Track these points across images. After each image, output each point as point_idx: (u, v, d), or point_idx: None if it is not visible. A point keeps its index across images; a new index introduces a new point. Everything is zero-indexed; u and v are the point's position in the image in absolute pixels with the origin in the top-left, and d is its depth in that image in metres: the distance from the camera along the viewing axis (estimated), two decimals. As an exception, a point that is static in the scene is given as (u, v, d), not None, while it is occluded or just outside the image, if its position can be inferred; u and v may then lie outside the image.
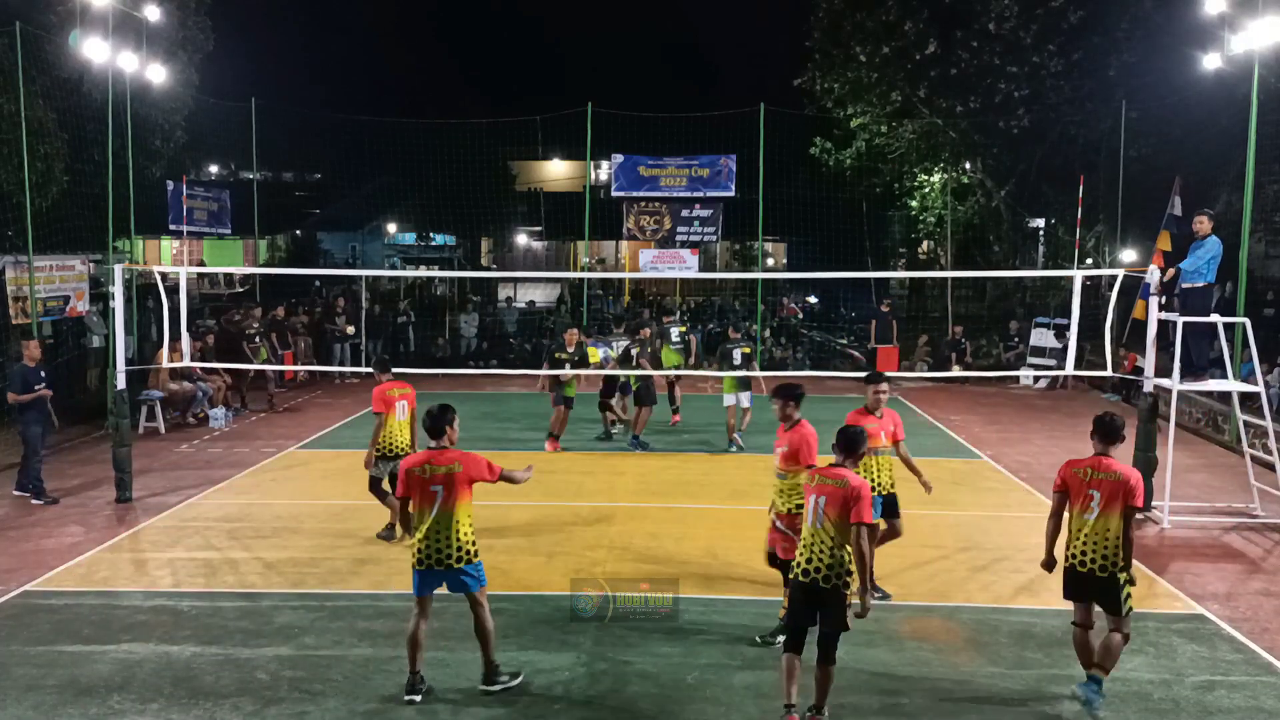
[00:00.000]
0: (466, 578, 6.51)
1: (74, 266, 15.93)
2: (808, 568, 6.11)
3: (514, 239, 41.02)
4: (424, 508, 6.44)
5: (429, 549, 6.43)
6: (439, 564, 6.44)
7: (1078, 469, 6.48)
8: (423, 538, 6.44)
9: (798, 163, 26.90)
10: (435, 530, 6.43)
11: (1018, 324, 22.49)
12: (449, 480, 6.42)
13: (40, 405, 11.40)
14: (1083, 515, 6.39)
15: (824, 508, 6.09)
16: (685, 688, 6.72)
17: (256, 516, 10.75)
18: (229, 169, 36.49)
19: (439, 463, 6.46)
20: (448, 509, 6.42)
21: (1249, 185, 14.82)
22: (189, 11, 19.71)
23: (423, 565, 6.46)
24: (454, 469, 6.44)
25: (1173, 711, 6.45)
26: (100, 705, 6.39)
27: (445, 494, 6.42)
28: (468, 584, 6.52)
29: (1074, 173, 22.47)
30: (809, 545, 6.15)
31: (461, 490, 6.46)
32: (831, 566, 6.05)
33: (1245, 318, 12.34)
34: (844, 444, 6.35)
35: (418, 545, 6.47)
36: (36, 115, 14.99)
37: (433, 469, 6.44)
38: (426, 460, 6.49)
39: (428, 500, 6.43)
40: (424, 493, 6.43)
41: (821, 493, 6.13)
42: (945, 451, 14.34)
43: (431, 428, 6.60)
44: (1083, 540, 6.38)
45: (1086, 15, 22.42)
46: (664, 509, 11.13)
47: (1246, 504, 11.29)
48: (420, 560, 6.46)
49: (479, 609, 6.57)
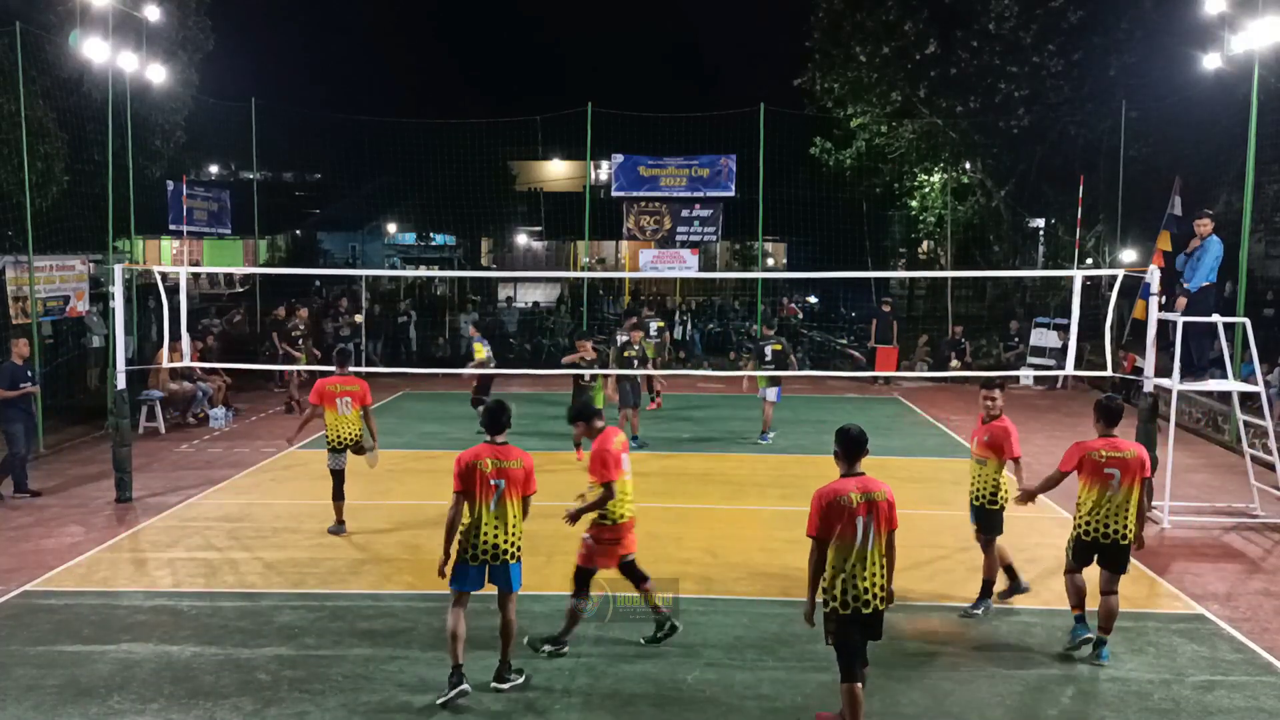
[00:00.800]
0: (512, 575, 6.58)
1: (74, 266, 15.92)
2: (863, 596, 5.67)
3: (514, 239, 41.03)
4: (484, 501, 6.46)
5: (484, 543, 6.46)
6: (494, 558, 6.48)
7: (1092, 452, 7.07)
8: (478, 532, 6.46)
9: (798, 163, 26.90)
10: (493, 524, 6.48)
11: (1018, 324, 22.48)
12: (512, 475, 6.51)
13: (25, 404, 11.48)
14: (1105, 493, 7.04)
15: (874, 527, 5.67)
16: (685, 688, 6.72)
17: (256, 516, 10.75)
18: (229, 169, 36.49)
19: (503, 458, 6.53)
20: (506, 503, 6.49)
21: (1249, 185, 14.82)
22: (189, 11, 19.69)
23: (476, 560, 6.48)
24: (516, 465, 6.55)
25: (1173, 711, 6.45)
26: (100, 705, 6.39)
27: (508, 488, 6.50)
28: (511, 581, 6.58)
29: (1074, 173, 22.47)
30: (867, 574, 5.67)
31: (521, 487, 6.57)
32: (884, 588, 5.79)
33: (1245, 318, 12.35)
34: (852, 447, 5.86)
35: (472, 540, 6.48)
36: (36, 115, 14.98)
37: (496, 464, 6.49)
38: (489, 455, 6.53)
39: (488, 494, 6.46)
40: (484, 486, 6.45)
41: (868, 511, 5.66)
42: (945, 451, 14.34)
43: (491, 425, 6.70)
44: (1104, 514, 7.06)
45: (1086, 15, 22.40)
46: (664, 509, 11.12)
47: (1246, 504, 11.29)
48: (474, 555, 6.47)
49: (510, 608, 6.64)
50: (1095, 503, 7.07)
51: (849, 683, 5.81)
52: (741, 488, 12.19)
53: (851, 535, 5.64)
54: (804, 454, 14.05)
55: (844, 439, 5.85)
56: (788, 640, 7.45)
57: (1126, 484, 7.00)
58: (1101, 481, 7.02)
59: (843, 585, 5.67)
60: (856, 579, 5.66)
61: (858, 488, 5.70)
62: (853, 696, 5.80)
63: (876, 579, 5.70)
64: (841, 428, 5.92)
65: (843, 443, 5.85)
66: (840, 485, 5.74)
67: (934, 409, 17.89)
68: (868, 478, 5.80)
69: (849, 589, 5.66)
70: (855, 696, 5.80)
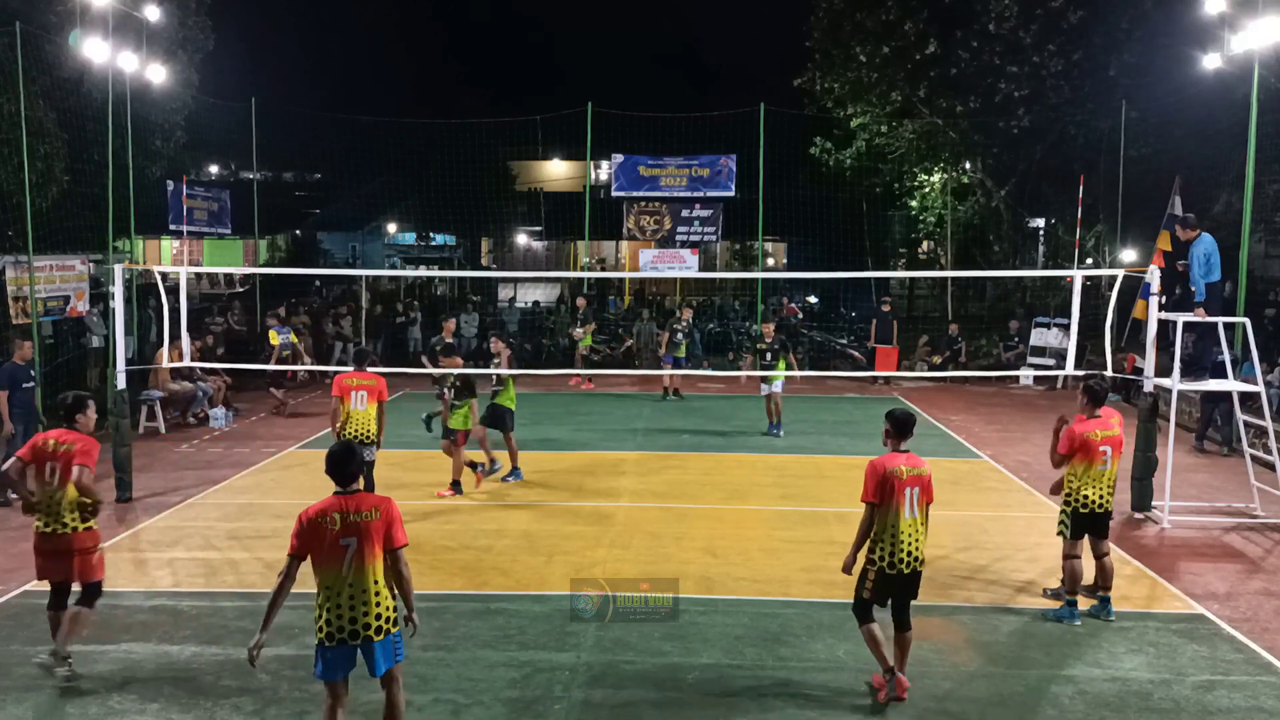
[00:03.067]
0: (378, 654, 5.39)
1: (74, 266, 15.92)
2: (906, 558, 6.36)
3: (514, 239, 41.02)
4: (332, 567, 5.30)
5: (340, 618, 5.30)
6: (353, 635, 5.30)
7: (1089, 433, 7.77)
8: (333, 606, 5.30)
9: (798, 163, 26.91)
10: (347, 593, 5.33)
11: (1018, 324, 22.49)
12: (367, 529, 5.32)
13: (27, 404, 11.51)
14: (1099, 468, 7.79)
15: (918, 498, 6.37)
16: (685, 688, 6.72)
17: (256, 516, 10.75)
18: (229, 169, 36.49)
19: (354, 509, 5.34)
20: (364, 566, 5.34)
21: (1249, 185, 14.82)
22: (189, 11, 19.70)
23: (332, 641, 5.32)
24: (372, 516, 5.33)
25: (1173, 711, 6.45)
26: (100, 705, 6.39)
27: (362, 546, 5.32)
28: (377, 663, 5.40)
29: (1074, 173, 22.47)
30: (910, 538, 6.36)
31: (383, 540, 5.39)
32: (922, 552, 6.49)
33: (1245, 318, 12.34)
34: (901, 426, 6.52)
35: (326, 617, 5.31)
36: (36, 115, 14.98)
37: (345, 518, 5.31)
38: (335, 509, 5.31)
39: (336, 557, 5.29)
40: (332, 548, 5.28)
41: (915, 484, 6.35)
42: (945, 451, 14.34)
43: (337, 474, 5.43)
44: (1103, 488, 7.83)
45: (1086, 15, 22.41)
46: (664, 509, 11.12)
47: (1246, 504, 11.29)
48: (329, 635, 5.30)
49: (393, 687, 5.60)
50: (1091, 477, 7.80)
51: (867, 624, 6.49)
52: (741, 488, 12.18)
53: (899, 504, 6.32)
54: (804, 454, 14.05)
55: (894, 420, 6.55)
56: (788, 640, 7.45)
57: (1115, 459, 7.88)
58: (1098, 458, 7.76)
59: (891, 547, 6.35)
60: (903, 542, 6.35)
61: (906, 463, 6.39)
62: (871, 635, 6.49)
63: (918, 543, 6.41)
64: (890, 410, 6.64)
65: (893, 422, 6.54)
66: (891, 459, 6.41)
67: (934, 409, 17.88)
68: (913, 455, 6.48)
69: (896, 551, 6.35)
70: (874, 635, 6.48)
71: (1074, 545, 7.86)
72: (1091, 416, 7.89)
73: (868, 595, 6.46)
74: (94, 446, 7.07)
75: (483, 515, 10.87)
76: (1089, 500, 7.82)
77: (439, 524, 10.38)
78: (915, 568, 6.42)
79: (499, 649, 7.25)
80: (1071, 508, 7.87)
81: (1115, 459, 7.88)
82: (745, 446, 14.56)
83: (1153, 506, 11.00)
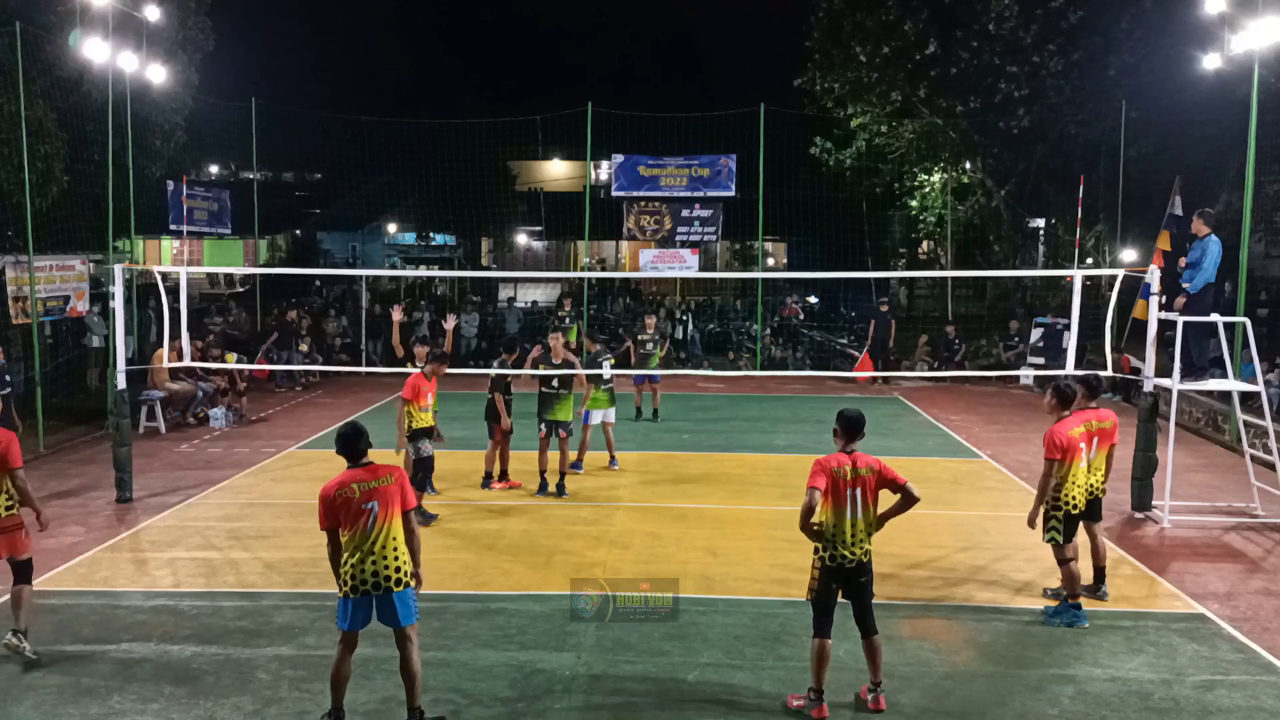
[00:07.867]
0: (398, 605, 5.99)
1: (74, 266, 15.92)
2: (850, 555, 6.27)
3: (514, 239, 41.02)
4: (359, 529, 5.92)
5: (365, 572, 5.93)
6: (375, 587, 5.93)
7: (1083, 425, 7.97)
8: (360, 564, 5.92)
9: (798, 163, 26.91)
10: (369, 551, 5.95)
11: (1018, 324, 22.48)
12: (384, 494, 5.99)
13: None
14: (1080, 465, 7.90)
15: (863, 498, 6.31)
16: (685, 688, 6.72)
17: (256, 516, 10.74)
18: (229, 169, 36.47)
19: (371, 478, 6.03)
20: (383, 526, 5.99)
21: (1249, 185, 14.81)
22: (189, 11, 19.69)
23: (356, 592, 5.95)
24: (388, 481, 6.04)
25: (1173, 711, 6.44)
26: (100, 705, 6.39)
27: (382, 508, 6.00)
28: (399, 614, 5.98)
29: (1074, 173, 22.46)
30: (856, 538, 6.28)
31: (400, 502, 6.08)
32: (867, 551, 6.40)
33: (1245, 318, 12.33)
34: (851, 426, 6.46)
35: (351, 573, 5.94)
36: (36, 115, 14.97)
37: (364, 486, 5.97)
38: (354, 480, 5.98)
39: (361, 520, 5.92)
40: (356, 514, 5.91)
41: (858, 485, 6.29)
42: (945, 451, 14.34)
43: (348, 454, 6.07)
44: (1090, 479, 8.02)
45: (1086, 15, 22.41)
46: (664, 509, 11.13)
47: (1247, 504, 11.28)
48: (353, 588, 5.92)
49: (409, 647, 6.05)
50: (1076, 476, 7.87)
51: (819, 638, 6.34)
52: (741, 488, 12.19)
53: (842, 503, 6.28)
54: (804, 454, 14.03)
55: (843, 420, 6.50)
56: (788, 640, 7.44)
57: (1104, 448, 8.16)
58: (1079, 456, 7.88)
59: (830, 544, 6.31)
60: (844, 540, 6.29)
61: (851, 463, 6.34)
62: (821, 651, 6.32)
63: (861, 544, 6.32)
64: (841, 410, 6.56)
65: (841, 422, 6.49)
66: (838, 459, 6.39)
67: (934, 409, 17.88)
68: (859, 454, 6.40)
69: (836, 548, 6.30)
70: (823, 651, 6.32)
71: (1068, 549, 7.79)
72: (1061, 418, 7.95)
73: (811, 594, 6.40)
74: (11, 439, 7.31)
75: (483, 515, 10.88)
76: (1077, 501, 7.86)
77: (439, 524, 10.37)
78: (860, 559, 6.30)
79: (499, 649, 7.25)
80: (1063, 511, 7.81)
81: (1103, 449, 8.14)
82: (745, 446, 14.56)
83: (1153, 506, 11.00)
